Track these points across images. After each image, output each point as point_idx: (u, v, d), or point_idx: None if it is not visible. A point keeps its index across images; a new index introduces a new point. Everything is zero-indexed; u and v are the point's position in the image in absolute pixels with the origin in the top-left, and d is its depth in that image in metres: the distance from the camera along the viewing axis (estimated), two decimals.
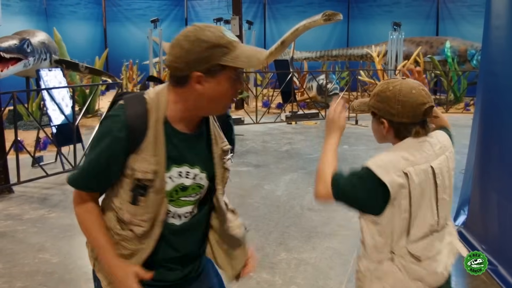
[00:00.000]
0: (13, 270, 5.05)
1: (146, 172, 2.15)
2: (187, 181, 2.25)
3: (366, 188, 2.33)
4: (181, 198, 2.27)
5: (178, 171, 2.22)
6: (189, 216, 2.32)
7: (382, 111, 2.42)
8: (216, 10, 22.08)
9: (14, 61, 11.99)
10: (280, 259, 5.25)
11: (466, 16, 20.27)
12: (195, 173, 2.26)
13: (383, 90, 2.42)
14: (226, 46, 2.06)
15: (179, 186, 2.24)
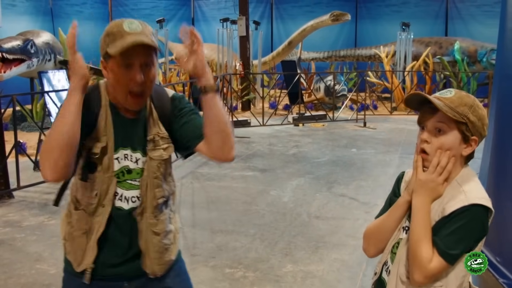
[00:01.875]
0: (8, 282, 4.89)
1: (95, 148, 2.33)
2: (131, 164, 2.41)
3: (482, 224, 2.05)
4: (127, 180, 2.41)
5: (124, 153, 2.39)
6: (136, 201, 2.42)
7: (477, 129, 2.10)
8: (223, 10, 21.94)
9: (18, 62, 11.86)
10: (285, 271, 5.06)
11: (475, 16, 20.04)
12: (137, 157, 2.41)
13: (478, 106, 2.11)
14: (114, 34, 2.23)
15: (124, 168, 2.40)
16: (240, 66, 15.83)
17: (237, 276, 4.94)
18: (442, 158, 2.09)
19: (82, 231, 2.43)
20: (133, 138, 2.40)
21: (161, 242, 2.49)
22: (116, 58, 2.23)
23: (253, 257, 5.37)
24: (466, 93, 2.16)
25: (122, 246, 2.45)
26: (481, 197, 2.05)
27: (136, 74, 2.25)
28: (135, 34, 2.22)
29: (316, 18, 16.60)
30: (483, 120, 2.12)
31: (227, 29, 16.96)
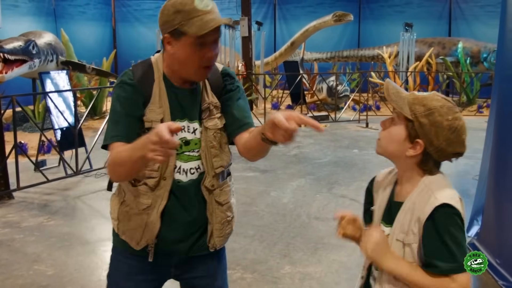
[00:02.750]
0: (6, 283, 4.87)
1: (154, 122, 2.34)
2: (188, 135, 2.42)
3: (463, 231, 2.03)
4: (185, 152, 2.42)
5: (182, 124, 2.38)
6: (195, 173, 2.44)
7: (424, 132, 2.03)
8: (226, 11, 21.89)
9: (19, 62, 11.84)
10: (284, 273, 5.03)
11: (479, 16, 20.01)
12: (194, 127, 2.43)
13: (441, 113, 2.02)
14: (188, 12, 2.23)
15: (182, 140, 2.40)
16: (242, 66, 15.82)
17: (234, 278, 4.91)
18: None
19: (143, 207, 2.42)
20: (189, 108, 2.43)
21: (224, 213, 2.52)
22: (191, 36, 2.24)
23: (251, 258, 5.34)
24: (440, 98, 2.08)
25: (182, 221, 2.45)
26: (449, 197, 2.01)
27: (210, 52, 2.30)
28: (211, 13, 2.26)
29: (318, 19, 16.61)
30: (439, 127, 2.02)
31: (230, 29, 16.95)
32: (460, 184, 8.00)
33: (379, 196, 2.26)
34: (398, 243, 2.06)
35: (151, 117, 2.36)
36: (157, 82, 2.40)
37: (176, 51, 2.31)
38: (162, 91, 2.39)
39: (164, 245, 2.46)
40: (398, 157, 2.11)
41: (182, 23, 2.23)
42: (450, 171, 8.56)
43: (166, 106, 2.38)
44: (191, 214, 2.45)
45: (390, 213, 2.16)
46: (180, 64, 2.33)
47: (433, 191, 2.02)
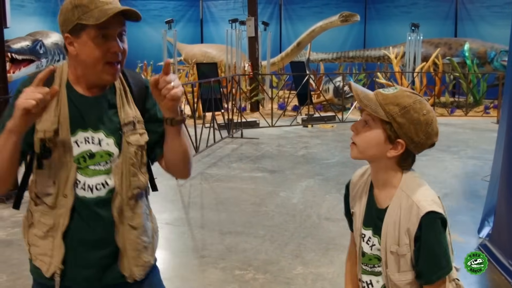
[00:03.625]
0: (17, 283, 4.87)
1: (47, 131, 2.14)
2: (93, 147, 2.20)
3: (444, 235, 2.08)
4: (90, 166, 2.21)
5: (85, 136, 2.20)
6: (102, 188, 2.22)
7: (404, 131, 2.02)
8: (232, 11, 21.90)
9: (26, 62, 11.90)
10: (296, 273, 5.02)
11: (485, 17, 19.93)
12: (100, 138, 2.21)
13: (416, 110, 2.03)
14: (86, 5, 2.09)
15: (86, 152, 2.20)
16: (249, 67, 15.80)
17: (247, 278, 4.90)
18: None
19: (46, 229, 2.22)
20: (95, 117, 2.22)
21: (139, 239, 2.28)
22: (92, 29, 2.09)
23: (263, 259, 5.33)
24: (410, 94, 2.08)
25: (92, 243, 2.23)
26: (431, 201, 2.04)
27: (115, 44, 2.15)
28: (110, 3, 2.12)
29: (325, 19, 16.56)
30: (417, 124, 2.03)
31: (236, 30, 16.93)
32: (469, 185, 7.99)
33: (357, 200, 2.26)
34: (392, 255, 2.09)
35: (44, 126, 2.15)
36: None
37: (79, 51, 2.13)
38: (62, 99, 2.19)
39: (72, 272, 2.24)
40: (379, 159, 2.10)
41: (80, 17, 2.08)
42: (459, 172, 8.63)
43: (65, 115, 2.18)
44: (98, 235, 2.22)
45: (371, 217, 2.18)
46: (85, 65, 2.16)
47: (413, 198, 2.05)
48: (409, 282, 2.09)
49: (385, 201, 2.12)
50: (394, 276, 2.10)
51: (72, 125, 2.18)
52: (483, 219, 5.89)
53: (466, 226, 6.18)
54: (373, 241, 2.16)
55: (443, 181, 8.12)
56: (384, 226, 2.09)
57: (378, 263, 2.17)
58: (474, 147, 10.92)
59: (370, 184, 2.21)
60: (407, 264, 2.06)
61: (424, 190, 2.08)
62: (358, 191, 2.26)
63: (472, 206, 6.88)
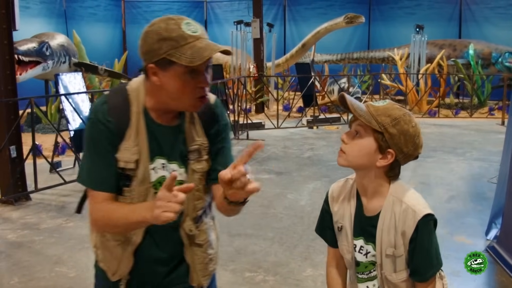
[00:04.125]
0: (29, 284, 4.89)
1: (128, 162, 2.14)
2: (167, 174, 2.20)
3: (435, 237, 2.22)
4: None
5: (161, 162, 2.21)
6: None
7: (395, 142, 2.10)
8: (236, 12, 21.95)
9: (33, 64, 11.93)
10: (306, 275, 5.04)
11: (489, 18, 19.96)
12: (173, 169, 2.21)
13: (406, 121, 2.11)
14: (175, 39, 2.00)
15: (162, 178, 2.20)
16: (254, 68, 15.82)
17: (257, 280, 4.92)
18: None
19: (118, 242, 2.26)
20: (170, 148, 2.22)
21: (205, 253, 2.37)
22: (181, 66, 2.01)
23: (272, 261, 5.35)
24: (400, 107, 2.16)
25: (159, 261, 2.30)
26: (424, 205, 2.16)
27: (203, 79, 2.09)
28: (202, 39, 2.04)
29: (330, 21, 16.59)
30: (406, 135, 2.11)
31: (241, 31, 16.96)
32: (475, 187, 7.99)
33: (345, 213, 2.31)
34: (388, 258, 2.18)
35: (125, 156, 2.15)
36: (135, 117, 2.17)
37: (165, 83, 2.07)
38: (140, 128, 2.17)
39: (137, 282, 2.33)
40: (367, 168, 2.17)
41: (169, 52, 2.00)
42: (465, 174, 8.65)
43: (144, 144, 2.17)
44: (166, 253, 2.30)
45: (360, 227, 2.25)
46: (171, 97, 2.11)
47: (406, 202, 2.15)
48: (405, 280, 2.21)
49: (374, 209, 2.20)
50: (391, 276, 2.20)
51: (151, 153, 2.18)
52: (491, 221, 5.90)
53: (474, 228, 6.19)
54: (367, 249, 2.24)
55: (449, 183, 8.14)
56: (378, 231, 2.18)
57: (373, 268, 2.26)
58: (479, 148, 10.92)
59: (356, 194, 2.27)
60: (403, 264, 2.18)
61: (414, 195, 2.18)
62: (343, 204, 2.31)
63: (479, 208, 6.89)
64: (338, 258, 2.42)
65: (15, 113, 7.35)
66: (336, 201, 2.34)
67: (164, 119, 2.20)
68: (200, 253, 2.35)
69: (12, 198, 7.22)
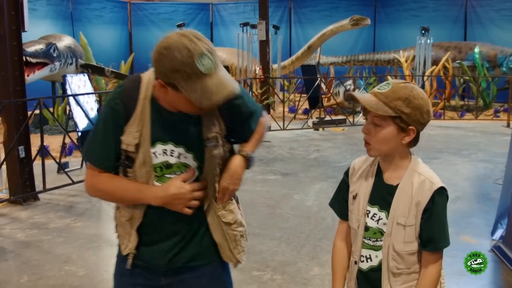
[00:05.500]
0: (38, 283, 4.93)
1: (129, 145, 2.31)
2: (171, 159, 2.35)
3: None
4: (166, 175, 2.37)
5: (163, 148, 2.34)
6: None
7: (413, 119, 2.25)
8: (242, 15, 21.99)
9: (40, 65, 12.00)
10: (313, 274, 5.07)
11: (495, 20, 19.93)
12: (180, 152, 2.35)
13: (415, 97, 2.24)
14: (188, 74, 2.07)
15: (163, 163, 2.35)
16: (260, 70, 15.85)
17: (265, 279, 4.95)
18: None
19: (126, 218, 2.44)
20: (178, 133, 2.34)
21: (236, 231, 2.51)
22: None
23: (280, 260, 5.38)
24: (404, 84, 2.29)
25: (164, 237, 2.44)
26: (439, 179, 2.32)
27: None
28: (214, 76, 2.11)
29: (336, 23, 16.60)
30: (420, 109, 2.25)
31: (247, 33, 17.00)
32: (481, 188, 8.02)
33: (362, 183, 2.44)
34: (399, 227, 2.29)
35: (127, 140, 2.31)
36: (140, 104, 2.31)
37: (172, 96, 2.21)
38: (144, 113, 2.31)
39: (144, 256, 2.47)
40: (395, 149, 2.32)
41: (181, 84, 2.09)
42: (470, 175, 8.67)
43: (146, 129, 2.31)
44: (170, 229, 2.43)
45: (379, 195, 2.39)
46: (177, 104, 2.25)
47: (424, 175, 2.31)
48: (412, 253, 2.32)
49: (395, 180, 2.35)
50: (399, 246, 2.31)
51: (153, 137, 2.32)
52: (496, 221, 5.93)
53: (480, 229, 6.22)
54: (379, 216, 2.36)
55: (455, 184, 8.15)
56: (395, 200, 2.31)
57: (380, 237, 2.36)
58: (484, 150, 10.93)
59: (377, 168, 2.42)
60: (412, 236, 2.29)
61: (431, 170, 2.36)
62: (362, 175, 2.45)
63: (485, 209, 6.91)
64: (346, 232, 2.56)
65: (24, 113, 7.40)
66: (356, 173, 2.48)
67: (173, 107, 2.31)
68: (231, 232, 2.49)
69: (21, 198, 7.27)
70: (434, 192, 2.25)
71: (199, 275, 2.52)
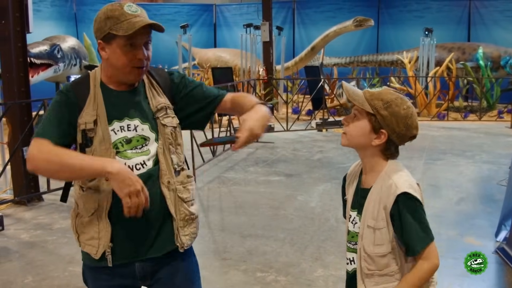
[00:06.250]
0: (42, 284, 4.95)
1: (88, 123, 2.42)
2: (129, 133, 2.47)
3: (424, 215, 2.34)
4: (127, 150, 2.46)
5: (120, 125, 2.47)
6: (141, 168, 2.46)
7: (387, 123, 2.31)
8: (245, 16, 21.99)
9: (45, 66, 12.01)
10: (317, 276, 5.08)
11: (498, 21, 19.88)
12: (135, 124, 2.49)
13: (397, 104, 2.31)
14: (117, 17, 2.39)
15: (122, 139, 2.46)
16: (263, 71, 15.86)
17: (268, 280, 4.96)
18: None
19: (91, 212, 2.43)
20: (129, 107, 2.51)
21: (187, 210, 2.56)
22: (121, 39, 2.39)
23: (283, 261, 5.39)
24: (394, 92, 2.36)
25: (134, 220, 2.36)
26: (408, 185, 2.29)
27: (141, 52, 2.44)
28: (139, 16, 2.41)
29: (339, 24, 16.59)
30: (397, 116, 2.30)
31: (250, 34, 17.01)
32: (484, 189, 8.01)
33: (349, 187, 2.53)
34: (369, 229, 2.34)
35: (85, 119, 2.43)
36: (92, 91, 2.49)
37: (109, 55, 2.44)
38: (98, 96, 2.48)
39: (120, 248, 2.46)
40: (365, 147, 2.38)
41: (111, 27, 2.39)
42: (474, 177, 8.66)
43: (102, 109, 2.45)
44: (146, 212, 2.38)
45: (357, 200, 2.46)
46: (114, 68, 2.46)
47: (393, 179, 2.31)
48: (382, 255, 2.33)
49: (369, 183, 2.40)
50: (369, 248, 2.34)
51: (109, 116, 2.46)
52: (500, 223, 5.92)
53: (483, 230, 6.21)
54: (356, 220, 2.44)
55: (459, 185, 8.15)
56: (366, 203, 2.37)
57: (352, 240, 2.45)
58: (488, 151, 10.91)
59: (360, 171, 2.49)
60: (382, 239, 2.31)
61: (405, 176, 2.34)
62: (351, 180, 2.55)
63: (489, 210, 6.91)
64: None
65: (28, 114, 7.43)
66: (348, 178, 2.57)
67: (122, 87, 2.53)
68: (182, 209, 2.55)
69: (25, 199, 7.30)
70: (396, 197, 2.26)
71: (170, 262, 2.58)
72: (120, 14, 2.39)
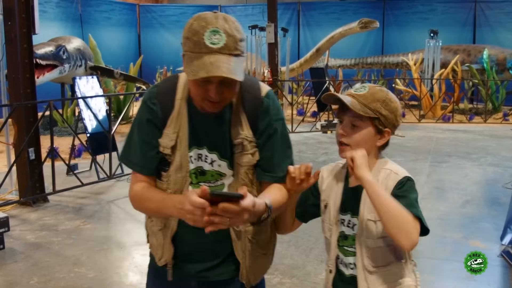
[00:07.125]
0: (48, 285, 4.95)
1: (165, 148, 2.21)
2: (205, 165, 2.24)
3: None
4: (200, 182, 2.24)
5: (198, 153, 2.23)
6: None
7: (389, 121, 2.30)
8: (250, 17, 21.98)
9: (50, 67, 12.04)
10: (322, 278, 5.02)
11: (504, 23, 19.86)
12: (213, 159, 2.24)
13: (390, 100, 2.30)
14: (193, 44, 2.01)
15: (198, 169, 2.25)
16: (268, 73, 15.87)
17: (274, 282, 4.96)
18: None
19: (159, 228, 2.32)
20: (211, 137, 2.22)
21: (256, 250, 2.34)
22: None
23: (288, 264, 5.39)
24: (379, 88, 2.33)
25: (197, 247, 2.28)
26: (404, 171, 2.29)
27: (212, 89, 2.05)
28: (216, 53, 1.99)
29: (344, 25, 16.61)
30: (395, 112, 2.31)
31: (256, 36, 17.02)
32: (490, 192, 7.99)
33: (332, 192, 2.42)
34: (370, 223, 2.27)
35: (164, 142, 2.22)
36: (177, 104, 2.22)
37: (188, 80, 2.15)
38: (181, 115, 2.21)
39: (183, 268, 2.34)
40: (369, 151, 2.29)
41: (188, 53, 2.04)
42: (479, 179, 8.65)
43: (184, 132, 2.21)
44: (208, 242, 2.25)
45: (348, 202, 2.35)
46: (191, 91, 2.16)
47: (389, 168, 2.30)
48: (387, 246, 2.27)
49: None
50: (373, 242, 2.28)
51: (191, 142, 2.22)
52: (506, 226, 5.92)
53: (489, 233, 6.20)
54: (353, 222, 2.33)
55: (464, 188, 8.14)
56: (362, 199, 2.29)
57: (353, 243, 2.33)
58: (493, 154, 10.89)
59: (346, 174, 2.41)
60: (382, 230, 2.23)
61: (397, 165, 2.34)
62: (332, 183, 2.44)
63: (494, 213, 6.89)
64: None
65: (34, 115, 7.44)
66: (325, 181, 2.47)
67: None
68: (251, 249, 2.32)
69: (31, 200, 7.31)
70: (398, 181, 2.23)
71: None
72: (197, 41, 1.99)
